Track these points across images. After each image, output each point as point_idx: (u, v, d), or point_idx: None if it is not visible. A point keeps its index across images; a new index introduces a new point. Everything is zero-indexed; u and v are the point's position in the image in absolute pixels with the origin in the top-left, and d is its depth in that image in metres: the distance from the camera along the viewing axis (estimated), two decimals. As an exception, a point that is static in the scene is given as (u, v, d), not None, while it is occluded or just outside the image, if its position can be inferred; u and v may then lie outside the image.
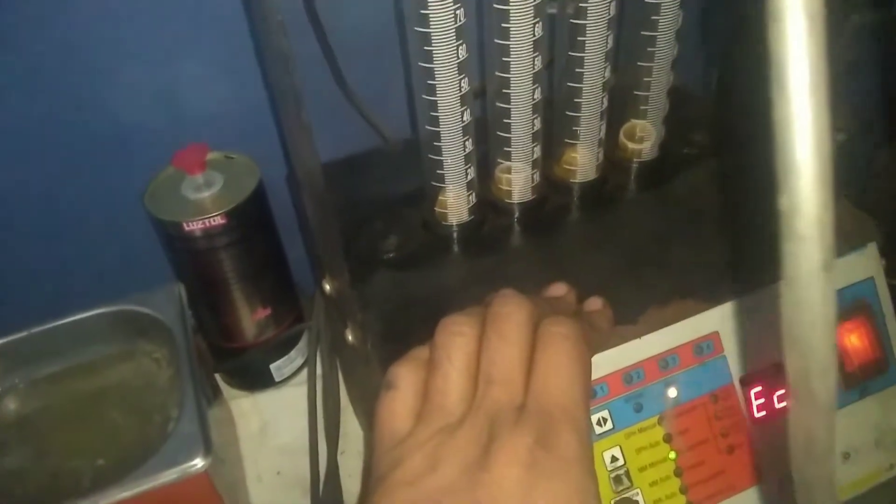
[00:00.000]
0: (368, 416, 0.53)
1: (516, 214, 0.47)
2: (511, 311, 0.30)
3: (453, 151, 0.42)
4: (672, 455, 0.39)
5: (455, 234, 0.46)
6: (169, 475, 0.41)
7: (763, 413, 0.41)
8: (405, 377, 0.30)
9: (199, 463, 0.41)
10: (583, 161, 0.47)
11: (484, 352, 0.29)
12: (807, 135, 0.13)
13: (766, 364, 0.41)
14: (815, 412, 0.18)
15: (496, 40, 0.39)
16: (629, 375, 0.39)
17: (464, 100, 0.40)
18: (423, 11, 0.36)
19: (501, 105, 0.42)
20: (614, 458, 0.38)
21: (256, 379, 0.61)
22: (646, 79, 0.46)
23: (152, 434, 0.46)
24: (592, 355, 0.31)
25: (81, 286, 0.55)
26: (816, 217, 0.15)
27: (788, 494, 0.39)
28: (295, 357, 0.62)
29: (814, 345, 0.17)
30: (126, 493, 0.40)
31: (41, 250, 0.57)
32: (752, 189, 0.46)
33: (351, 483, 0.56)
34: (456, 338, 0.30)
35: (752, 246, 0.43)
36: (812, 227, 0.15)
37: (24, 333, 0.49)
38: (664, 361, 0.39)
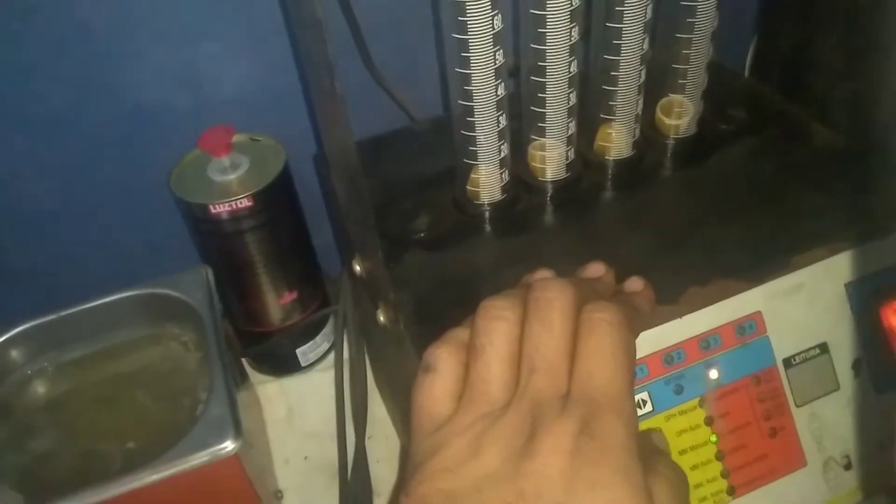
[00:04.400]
0: (396, 399, 0.52)
1: (550, 193, 0.46)
2: (553, 297, 0.29)
3: (487, 127, 0.41)
4: (713, 438, 0.38)
5: (487, 214, 0.45)
6: (199, 458, 0.41)
7: (808, 395, 0.39)
8: (445, 360, 0.29)
9: (229, 445, 0.41)
10: (618, 138, 0.46)
11: (527, 339, 0.29)
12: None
13: (810, 345, 0.39)
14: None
15: (532, 10, 0.38)
16: (669, 356, 0.38)
17: (498, 73, 0.39)
18: (457, -20, 0.35)
19: (536, 79, 0.41)
20: (654, 441, 0.37)
21: (283, 364, 0.61)
22: (684, 51, 0.44)
23: (181, 417, 0.46)
24: (635, 339, 0.30)
25: (108, 269, 0.55)
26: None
27: (835, 477, 0.39)
28: (321, 342, 0.61)
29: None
30: (157, 476, 0.40)
31: (68, 234, 0.57)
32: (801, 162, 0.46)
33: (379, 468, 0.56)
34: (498, 322, 0.29)
35: (797, 222, 0.42)
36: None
37: (52, 317, 0.49)
38: (705, 342, 0.38)
